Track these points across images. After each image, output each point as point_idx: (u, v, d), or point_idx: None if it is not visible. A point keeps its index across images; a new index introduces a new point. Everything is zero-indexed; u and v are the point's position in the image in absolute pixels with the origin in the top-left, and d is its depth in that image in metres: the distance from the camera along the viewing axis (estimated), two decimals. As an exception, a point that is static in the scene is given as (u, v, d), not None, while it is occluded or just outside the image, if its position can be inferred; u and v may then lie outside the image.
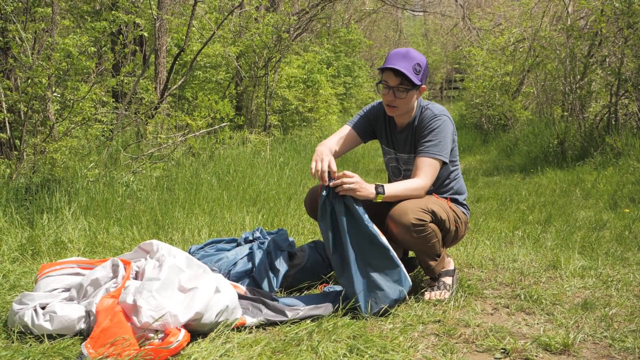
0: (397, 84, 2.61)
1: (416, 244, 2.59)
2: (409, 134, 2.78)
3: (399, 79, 2.60)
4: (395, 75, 2.60)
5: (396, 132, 2.84)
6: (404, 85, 2.61)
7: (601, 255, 3.43)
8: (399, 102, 2.65)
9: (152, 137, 6.33)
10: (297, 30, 11.12)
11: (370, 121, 2.89)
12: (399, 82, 2.61)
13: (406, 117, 2.77)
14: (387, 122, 2.86)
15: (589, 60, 8.40)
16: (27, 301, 2.24)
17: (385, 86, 2.65)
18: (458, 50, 20.46)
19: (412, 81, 2.59)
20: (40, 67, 4.56)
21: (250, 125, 9.73)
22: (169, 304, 2.05)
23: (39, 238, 3.61)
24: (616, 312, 2.45)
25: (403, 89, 2.62)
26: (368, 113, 2.90)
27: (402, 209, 2.53)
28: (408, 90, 2.62)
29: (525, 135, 10.13)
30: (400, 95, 2.63)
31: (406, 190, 2.59)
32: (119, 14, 5.44)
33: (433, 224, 2.58)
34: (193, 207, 4.75)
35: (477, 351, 2.09)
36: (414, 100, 2.70)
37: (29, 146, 4.83)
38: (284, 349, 2.06)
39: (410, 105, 2.71)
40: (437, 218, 2.59)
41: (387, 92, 2.65)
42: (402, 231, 2.52)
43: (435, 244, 2.61)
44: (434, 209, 2.57)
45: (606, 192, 5.68)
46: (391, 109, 2.70)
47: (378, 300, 2.42)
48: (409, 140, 2.78)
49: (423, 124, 2.71)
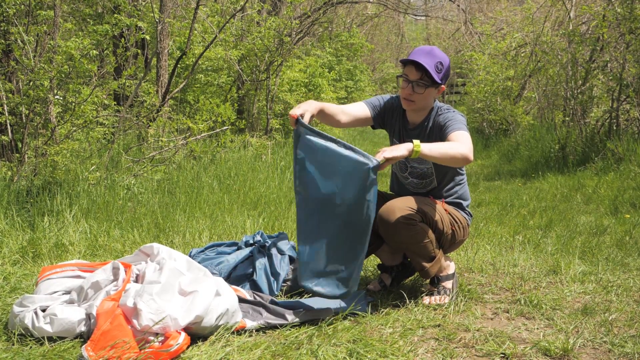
0: (417, 79, 2.62)
1: (405, 242, 2.58)
2: (420, 132, 2.77)
3: (420, 74, 2.61)
4: (416, 70, 2.61)
5: (408, 128, 2.83)
6: (424, 81, 2.62)
7: (601, 261, 3.43)
8: (416, 96, 2.66)
9: (154, 140, 6.35)
10: (299, 34, 11.15)
11: (386, 110, 2.87)
12: (419, 76, 2.62)
13: (420, 115, 2.77)
14: (401, 117, 2.85)
15: (591, 66, 8.40)
16: (27, 304, 2.24)
17: (405, 79, 2.66)
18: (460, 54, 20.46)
19: (433, 77, 2.60)
20: (42, 70, 4.58)
21: (251, 128, 9.73)
22: (169, 307, 2.05)
23: (40, 240, 3.62)
24: (616, 317, 2.45)
25: (422, 84, 2.62)
26: (386, 102, 2.88)
27: (390, 208, 2.53)
28: (427, 87, 2.63)
29: (527, 140, 10.12)
30: (419, 90, 2.64)
31: (446, 151, 2.42)
32: (121, 17, 5.45)
33: (423, 223, 2.58)
34: (194, 211, 4.75)
35: (476, 356, 2.09)
36: (431, 98, 2.70)
37: (31, 149, 4.84)
38: (284, 353, 2.06)
39: (427, 103, 2.71)
40: (428, 218, 2.59)
41: (407, 86, 2.65)
42: (390, 230, 2.52)
43: (427, 244, 2.59)
44: (425, 210, 2.57)
45: (607, 197, 5.68)
46: (408, 102, 2.70)
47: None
48: (421, 136, 2.76)
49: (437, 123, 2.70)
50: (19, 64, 4.71)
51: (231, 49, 9.18)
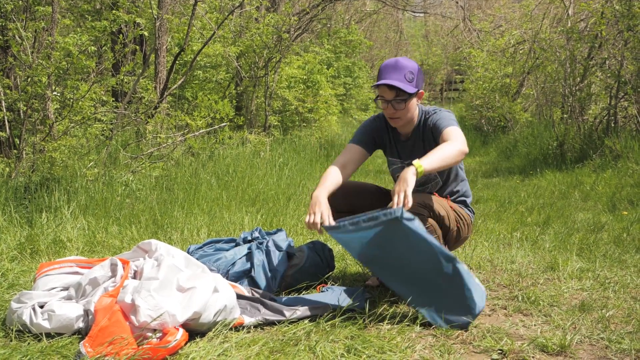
0: (394, 97, 2.64)
1: None
2: (416, 140, 2.79)
3: (394, 92, 2.63)
4: (389, 89, 2.63)
5: (401, 141, 2.85)
6: (400, 97, 2.63)
7: (599, 257, 3.44)
8: (399, 113, 2.68)
9: (152, 137, 6.34)
10: (298, 31, 11.12)
11: (373, 134, 2.89)
12: (395, 94, 2.63)
13: (410, 125, 2.78)
14: (390, 133, 2.88)
15: (589, 63, 8.40)
16: (25, 300, 2.24)
17: (383, 100, 2.67)
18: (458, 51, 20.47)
19: (407, 91, 2.61)
20: (40, 66, 4.56)
21: (249, 125, 9.72)
22: (167, 303, 2.06)
23: (38, 237, 3.61)
24: (613, 314, 2.45)
25: (400, 100, 2.64)
26: (369, 127, 2.89)
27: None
28: (406, 100, 2.64)
29: (525, 137, 10.13)
30: (399, 107, 2.65)
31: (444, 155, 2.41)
32: (119, 13, 5.44)
33: (431, 219, 2.59)
34: (192, 207, 4.75)
35: (474, 352, 2.10)
36: (414, 107, 2.72)
37: (29, 145, 4.84)
38: (281, 349, 2.06)
39: (412, 113, 2.73)
40: (436, 214, 2.60)
41: (387, 106, 2.68)
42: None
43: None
44: (432, 206, 2.58)
45: (605, 194, 5.69)
46: (394, 120, 2.73)
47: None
48: (417, 147, 2.79)
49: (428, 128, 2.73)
50: (17, 60, 4.70)
51: (230, 45, 9.16)
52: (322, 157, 9.16)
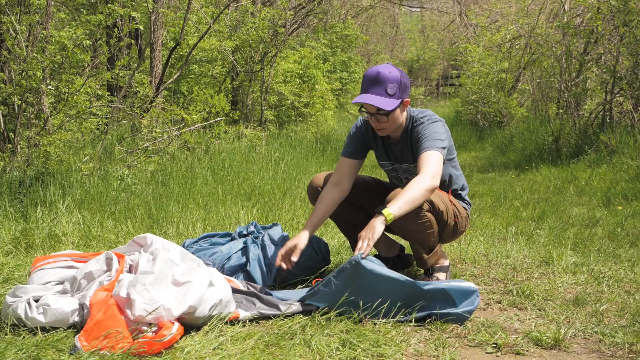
0: (376, 112, 2.61)
1: (411, 231, 2.60)
2: (404, 144, 2.78)
3: (376, 107, 2.59)
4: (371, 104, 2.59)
5: (391, 144, 2.84)
6: (382, 112, 2.60)
7: (593, 252, 3.45)
8: (383, 125, 2.65)
9: (147, 131, 6.32)
10: (294, 25, 11.08)
11: (363, 141, 2.87)
12: (377, 109, 2.60)
13: (399, 130, 2.76)
14: (379, 137, 2.85)
15: (585, 58, 8.41)
16: (20, 294, 2.24)
17: (367, 113, 2.65)
18: (454, 46, 20.45)
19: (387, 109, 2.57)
20: (35, 60, 4.54)
21: (245, 119, 9.71)
22: (162, 297, 2.06)
23: (33, 231, 3.61)
24: (607, 307, 2.47)
25: (383, 113, 2.61)
26: (356, 135, 2.87)
27: None
28: (389, 114, 2.61)
29: (520, 132, 10.14)
30: (382, 119, 2.63)
31: (412, 198, 2.43)
32: (114, 7, 5.40)
33: (430, 213, 2.59)
34: (188, 202, 4.75)
35: (468, 346, 2.11)
36: (399, 116, 2.68)
37: (23, 139, 4.82)
38: (277, 343, 2.06)
39: (398, 122, 2.69)
40: (435, 209, 2.60)
41: (371, 118, 2.66)
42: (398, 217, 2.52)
43: (430, 234, 2.62)
44: (433, 200, 2.58)
45: (600, 189, 5.71)
46: (381, 131, 2.71)
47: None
48: (405, 150, 2.78)
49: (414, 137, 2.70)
50: (11, 53, 4.67)
51: (225, 39, 9.13)
52: (318, 151, 9.16)
